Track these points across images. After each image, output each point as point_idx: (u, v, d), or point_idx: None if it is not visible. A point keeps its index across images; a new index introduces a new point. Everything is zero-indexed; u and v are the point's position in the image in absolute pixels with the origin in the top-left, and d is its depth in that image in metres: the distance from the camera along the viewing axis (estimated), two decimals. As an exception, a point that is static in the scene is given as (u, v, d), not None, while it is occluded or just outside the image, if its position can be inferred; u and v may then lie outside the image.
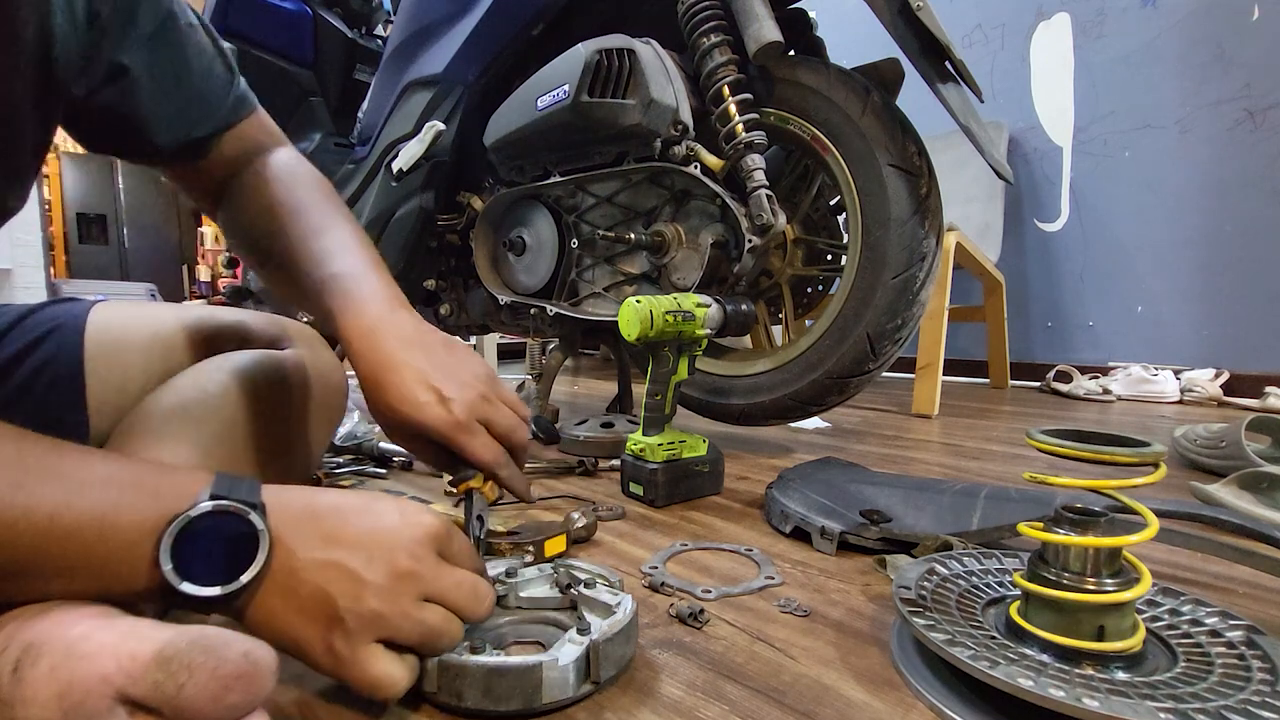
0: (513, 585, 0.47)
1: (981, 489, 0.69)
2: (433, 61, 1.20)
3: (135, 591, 0.31)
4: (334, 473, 0.93)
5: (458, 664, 0.36)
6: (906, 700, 0.40)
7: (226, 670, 0.27)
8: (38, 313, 0.56)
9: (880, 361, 0.94)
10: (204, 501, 0.32)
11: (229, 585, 0.32)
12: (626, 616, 0.41)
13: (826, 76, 0.95)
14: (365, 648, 0.34)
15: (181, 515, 0.31)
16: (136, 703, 0.26)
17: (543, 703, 0.36)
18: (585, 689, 0.38)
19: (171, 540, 0.31)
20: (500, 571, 0.48)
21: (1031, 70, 2.17)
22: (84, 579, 0.31)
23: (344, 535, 0.35)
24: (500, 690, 0.36)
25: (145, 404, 0.52)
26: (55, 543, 0.30)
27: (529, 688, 0.36)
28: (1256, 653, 0.38)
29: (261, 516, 0.33)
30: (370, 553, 0.34)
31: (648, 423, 0.81)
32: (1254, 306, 1.80)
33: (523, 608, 0.46)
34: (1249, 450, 0.90)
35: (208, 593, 0.31)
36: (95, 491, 0.31)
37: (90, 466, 0.32)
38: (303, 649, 0.34)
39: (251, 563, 0.32)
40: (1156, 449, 0.38)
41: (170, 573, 0.31)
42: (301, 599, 0.33)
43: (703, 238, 0.98)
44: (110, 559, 0.31)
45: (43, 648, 0.27)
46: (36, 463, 0.31)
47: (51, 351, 0.54)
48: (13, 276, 2.98)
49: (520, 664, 0.36)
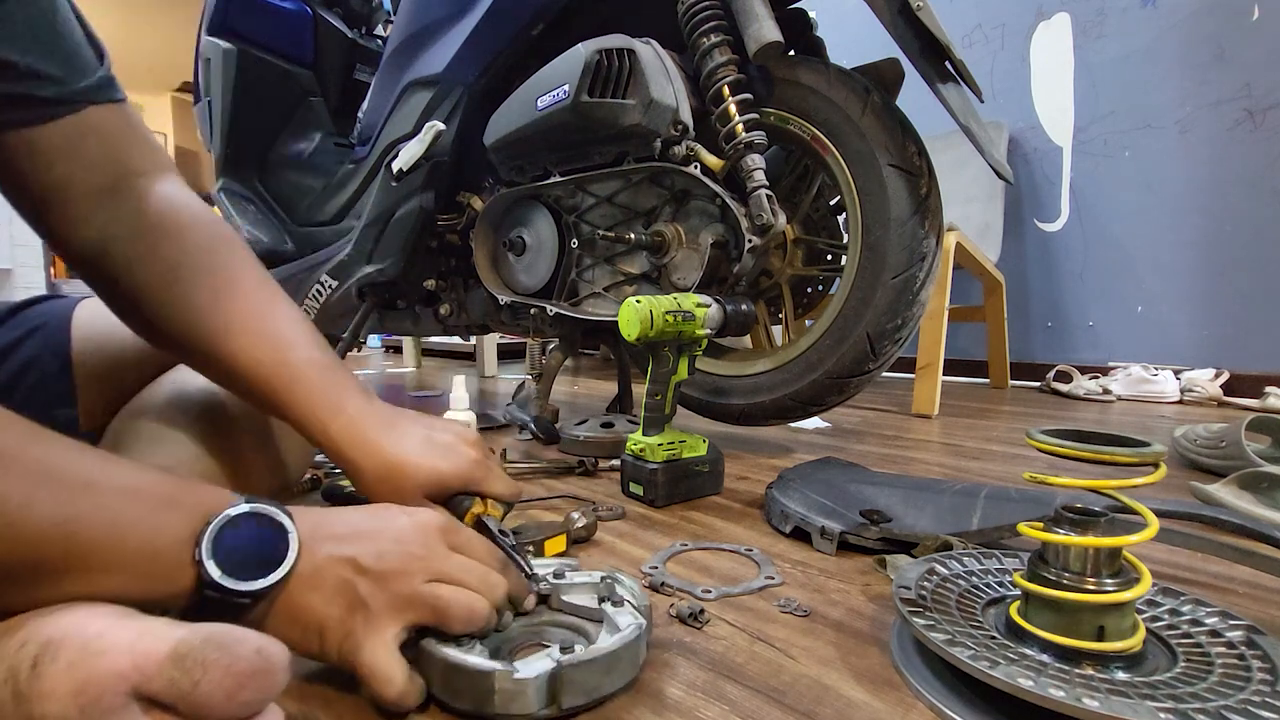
0: (558, 586, 0.47)
1: (981, 489, 0.69)
2: (433, 61, 1.20)
3: (172, 593, 0.33)
4: (334, 472, 0.92)
5: (427, 652, 0.38)
6: (906, 700, 0.40)
7: (240, 667, 0.27)
8: (24, 310, 0.56)
9: (880, 361, 0.94)
10: (240, 504, 0.34)
11: (267, 578, 0.33)
12: (615, 644, 0.39)
13: (826, 76, 0.95)
14: (380, 638, 0.36)
15: (221, 515, 0.33)
16: (152, 699, 0.27)
17: (495, 712, 0.35)
18: (546, 711, 0.36)
19: (212, 539, 0.33)
20: (549, 572, 0.48)
21: (1031, 70, 2.17)
22: (119, 581, 0.32)
23: (355, 534, 0.38)
24: (456, 686, 0.37)
25: (138, 401, 0.52)
26: (93, 548, 0.31)
27: (479, 693, 0.36)
28: (1256, 653, 0.38)
29: (289, 518, 0.35)
30: (383, 546, 0.37)
31: (648, 423, 0.81)
32: (1254, 306, 1.80)
33: (563, 611, 0.46)
34: (1249, 450, 0.90)
35: (249, 586, 0.33)
36: (131, 497, 0.32)
37: (121, 471, 0.34)
38: (323, 638, 0.36)
39: (283, 560, 0.34)
40: (1156, 449, 0.38)
41: (213, 568, 0.32)
42: (325, 591, 0.36)
43: (703, 238, 0.98)
44: (149, 562, 0.32)
45: (61, 644, 0.27)
46: (69, 467, 0.31)
47: (39, 348, 0.54)
48: (13, 276, 2.98)
49: (474, 667, 0.36)
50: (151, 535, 0.32)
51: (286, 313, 0.48)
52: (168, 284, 0.45)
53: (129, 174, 0.46)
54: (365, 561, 0.36)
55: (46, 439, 0.32)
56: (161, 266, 0.45)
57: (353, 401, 0.47)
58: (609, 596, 0.45)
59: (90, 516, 0.31)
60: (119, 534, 0.31)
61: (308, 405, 0.46)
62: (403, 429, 0.48)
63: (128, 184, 0.46)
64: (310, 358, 0.47)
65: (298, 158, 1.55)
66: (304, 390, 0.46)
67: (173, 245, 0.45)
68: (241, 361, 0.45)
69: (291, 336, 0.47)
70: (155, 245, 0.45)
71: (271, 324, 0.46)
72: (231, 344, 0.45)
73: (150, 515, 0.32)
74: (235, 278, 0.47)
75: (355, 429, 0.46)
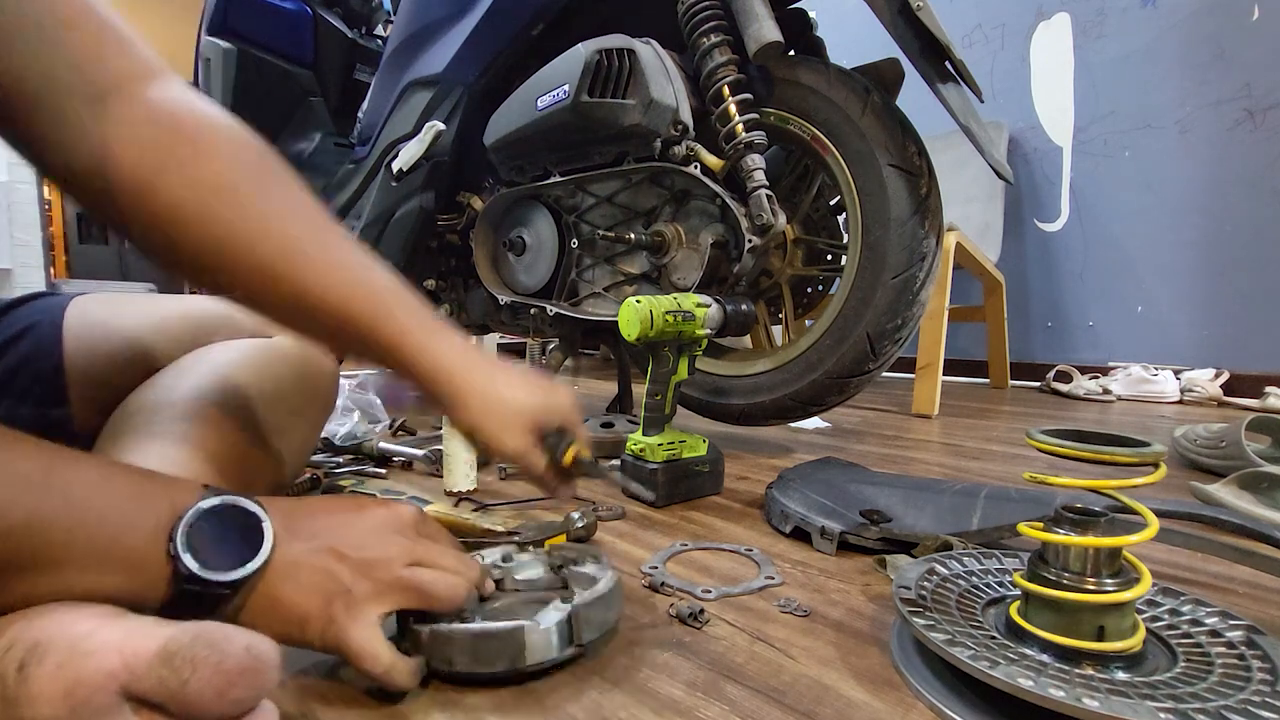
0: (509, 569, 0.49)
1: (981, 489, 0.69)
2: (433, 61, 1.20)
3: (147, 588, 0.32)
4: (334, 472, 0.93)
5: (447, 631, 0.39)
6: (906, 700, 0.40)
7: (230, 664, 0.27)
8: (18, 308, 0.56)
9: (880, 361, 0.94)
10: (210, 497, 0.34)
11: (242, 569, 0.33)
12: (607, 585, 0.44)
13: (826, 76, 0.95)
14: (363, 621, 0.36)
15: (193, 508, 0.33)
16: (142, 699, 0.27)
17: (528, 664, 0.39)
18: (569, 651, 0.41)
19: (186, 530, 0.32)
20: (496, 557, 0.51)
21: (1031, 70, 2.17)
22: (93, 578, 0.31)
23: (332, 524, 0.38)
24: (487, 653, 0.39)
25: (134, 398, 0.52)
26: (61, 544, 0.30)
27: (514, 650, 0.39)
28: (1256, 653, 0.38)
29: (262, 509, 0.35)
30: (360, 536, 0.38)
31: (648, 423, 0.81)
32: (1254, 306, 1.80)
33: (519, 590, 0.47)
34: (1249, 450, 0.90)
35: (226, 577, 0.33)
36: (101, 493, 0.32)
37: (91, 468, 0.33)
38: (305, 627, 0.36)
39: (259, 550, 0.34)
40: (1156, 449, 0.38)
41: (189, 559, 0.32)
42: (303, 581, 0.36)
43: (703, 238, 0.98)
44: (123, 557, 0.32)
45: (48, 646, 0.27)
46: (36, 466, 0.31)
47: (31, 347, 0.53)
48: (13, 276, 2.98)
49: (504, 628, 0.39)
50: (122, 529, 0.32)
51: (346, 235, 0.43)
52: (203, 202, 0.38)
53: (127, 77, 0.38)
54: (345, 549, 0.37)
55: (8, 438, 0.31)
56: (191, 183, 0.38)
57: (445, 333, 0.45)
58: (563, 562, 0.49)
59: (57, 512, 0.31)
60: (87, 530, 0.31)
61: (400, 334, 0.42)
62: (502, 364, 0.48)
63: (128, 89, 0.38)
64: (389, 284, 0.43)
65: (297, 158, 1.55)
66: (392, 318, 0.42)
67: (203, 159, 0.39)
68: (312, 289, 0.40)
69: (362, 260, 0.43)
70: (181, 160, 0.38)
71: (337, 250, 0.42)
72: (295, 270, 0.40)
73: (119, 509, 0.32)
74: (284, 195, 0.41)
75: (456, 360, 0.44)
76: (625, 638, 0.47)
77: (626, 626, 0.49)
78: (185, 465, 0.46)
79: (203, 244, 0.39)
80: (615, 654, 0.45)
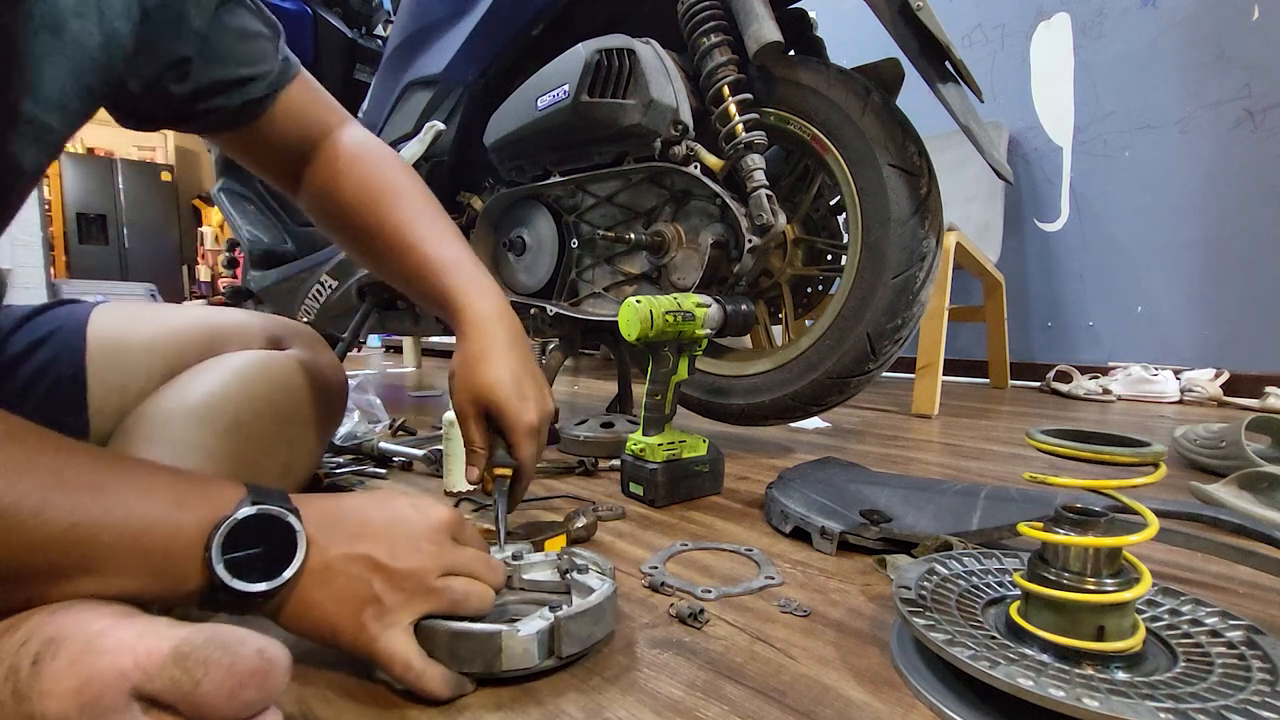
0: (518, 567, 0.49)
1: (981, 489, 0.69)
2: (433, 61, 1.20)
3: (183, 593, 0.33)
4: (334, 473, 0.92)
5: (429, 626, 0.39)
6: (906, 700, 0.40)
7: (242, 667, 0.27)
8: (41, 315, 0.56)
9: (880, 361, 0.94)
10: (247, 506, 0.34)
11: (274, 580, 0.34)
12: (598, 600, 0.43)
13: (826, 76, 0.95)
14: (396, 629, 0.37)
15: (229, 518, 0.33)
16: (153, 699, 0.27)
17: (503, 669, 0.39)
18: (549, 663, 0.40)
19: (221, 541, 0.33)
20: (508, 554, 0.51)
21: (1031, 70, 2.17)
22: (133, 582, 0.32)
23: (368, 531, 0.38)
24: (463, 653, 0.39)
25: (146, 406, 0.52)
26: (106, 551, 0.31)
27: (489, 654, 0.39)
28: (1256, 653, 0.38)
29: (297, 519, 0.36)
30: (394, 543, 0.38)
31: (648, 423, 0.81)
32: (1254, 306, 1.80)
33: (525, 589, 0.47)
34: (1249, 450, 0.90)
35: (257, 588, 0.33)
36: (142, 499, 0.33)
37: (133, 474, 0.34)
38: (337, 632, 0.36)
39: (291, 560, 0.35)
40: (1156, 449, 0.38)
41: (223, 571, 0.33)
42: (335, 589, 0.36)
43: (703, 238, 0.98)
44: (163, 563, 0.32)
45: (63, 642, 0.28)
46: (81, 472, 0.32)
47: (53, 353, 0.54)
48: (13, 276, 2.98)
49: (482, 631, 0.39)
50: (163, 538, 0.32)
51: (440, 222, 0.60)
52: (359, 198, 0.58)
53: (323, 132, 0.60)
54: (380, 558, 0.37)
55: (59, 444, 0.32)
56: (356, 187, 0.59)
57: (492, 302, 0.57)
58: (571, 568, 0.48)
59: (103, 520, 0.31)
60: (131, 536, 0.32)
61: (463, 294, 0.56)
62: (521, 349, 0.56)
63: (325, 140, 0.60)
64: (459, 255, 0.58)
65: (298, 158, 1.55)
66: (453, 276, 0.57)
67: (361, 172, 0.59)
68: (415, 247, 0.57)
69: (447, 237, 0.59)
70: (351, 176, 0.59)
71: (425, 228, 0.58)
72: (409, 237, 0.57)
73: (163, 517, 0.33)
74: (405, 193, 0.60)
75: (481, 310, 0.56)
76: (625, 637, 0.47)
77: (626, 626, 0.49)
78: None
79: (362, 221, 0.59)
80: (615, 653, 0.45)
